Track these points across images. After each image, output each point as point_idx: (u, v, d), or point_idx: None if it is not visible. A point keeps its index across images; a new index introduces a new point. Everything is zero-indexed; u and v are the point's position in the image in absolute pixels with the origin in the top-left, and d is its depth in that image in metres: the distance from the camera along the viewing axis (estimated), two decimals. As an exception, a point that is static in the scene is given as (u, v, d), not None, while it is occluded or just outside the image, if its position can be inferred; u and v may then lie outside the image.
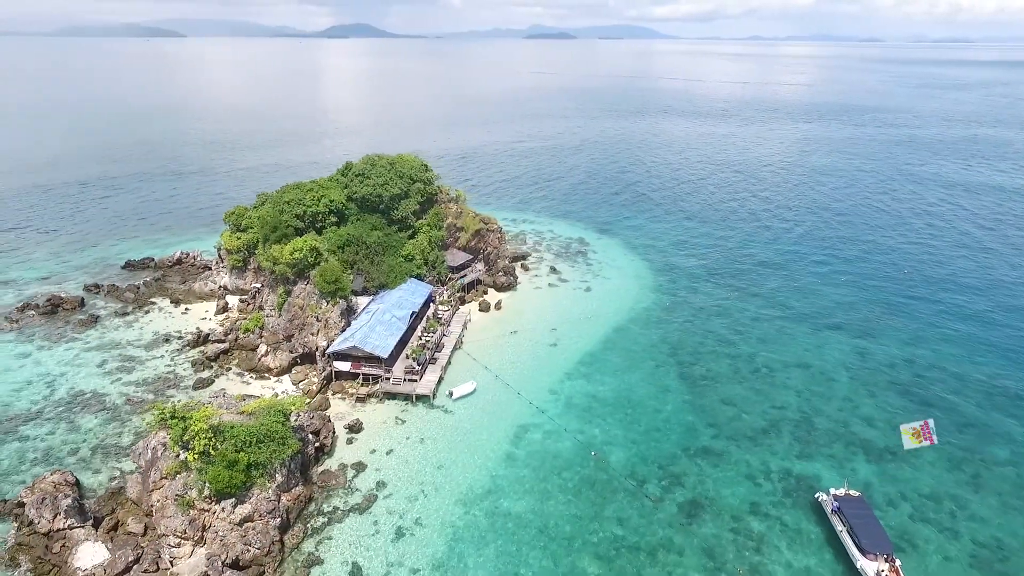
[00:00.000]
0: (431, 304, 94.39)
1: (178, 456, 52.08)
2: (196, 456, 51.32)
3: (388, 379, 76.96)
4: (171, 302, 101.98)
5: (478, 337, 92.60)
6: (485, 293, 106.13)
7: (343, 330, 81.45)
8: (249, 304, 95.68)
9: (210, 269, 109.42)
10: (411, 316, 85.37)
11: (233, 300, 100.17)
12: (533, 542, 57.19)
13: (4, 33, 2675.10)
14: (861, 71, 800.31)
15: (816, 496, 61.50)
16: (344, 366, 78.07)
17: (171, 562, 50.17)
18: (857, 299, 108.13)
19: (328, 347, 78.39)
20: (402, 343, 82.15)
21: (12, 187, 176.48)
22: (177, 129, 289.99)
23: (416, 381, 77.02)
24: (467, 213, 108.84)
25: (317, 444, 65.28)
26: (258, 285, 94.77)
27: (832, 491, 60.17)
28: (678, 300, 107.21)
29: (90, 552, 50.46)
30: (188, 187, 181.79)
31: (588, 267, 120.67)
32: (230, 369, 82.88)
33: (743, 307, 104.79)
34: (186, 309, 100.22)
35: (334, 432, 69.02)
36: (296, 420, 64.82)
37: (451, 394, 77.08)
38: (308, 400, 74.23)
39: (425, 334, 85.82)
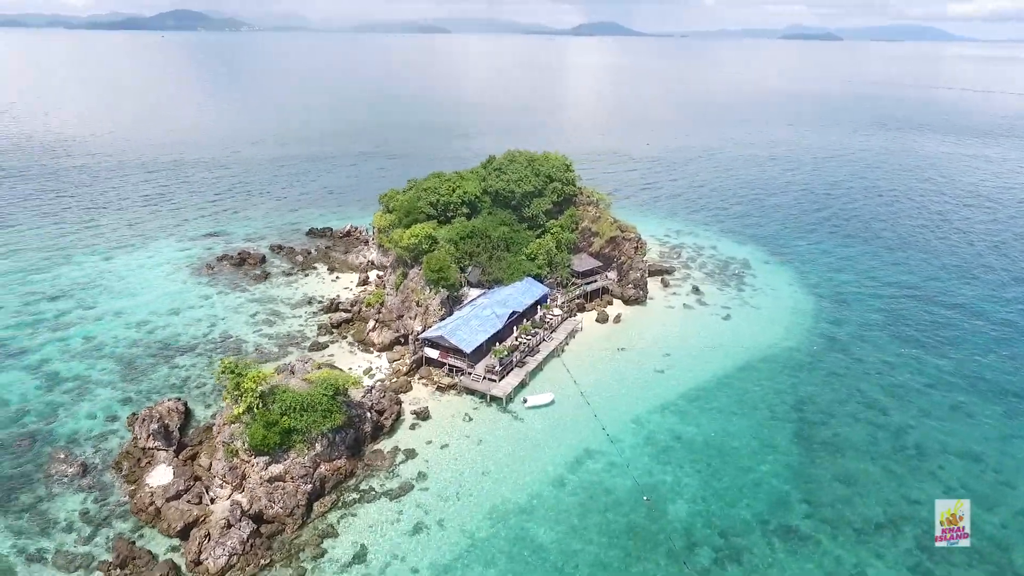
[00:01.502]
0: (543, 304, 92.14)
1: (235, 407, 57.93)
2: (242, 411, 56.60)
3: (469, 374, 77.03)
4: (328, 269, 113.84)
5: (582, 348, 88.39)
6: (609, 303, 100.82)
7: (442, 318, 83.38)
8: (382, 280, 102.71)
9: (367, 244, 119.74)
10: (511, 315, 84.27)
11: (375, 275, 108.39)
12: (543, 578, 53.10)
13: (311, 29, 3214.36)
14: None
15: (908, 627, 47.91)
16: (433, 354, 79.97)
17: (212, 500, 56.12)
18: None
19: (421, 332, 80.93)
20: (496, 340, 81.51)
21: (267, 157, 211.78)
22: (411, 115, 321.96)
23: (495, 381, 75.95)
24: (605, 218, 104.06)
25: (377, 423, 67.79)
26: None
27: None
28: (835, 346, 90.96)
29: (160, 473, 58.57)
30: (391, 167, 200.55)
31: (738, 292, 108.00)
32: (345, 337, 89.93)
33: (918, 368, 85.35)
34: (336, 277, 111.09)
35: (399, 415, 71.13)
36: (362, 396, 68.09)
37: (525, 401, 74.75)
38: (380, 380, 77.54)
39: (522, 335, 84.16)
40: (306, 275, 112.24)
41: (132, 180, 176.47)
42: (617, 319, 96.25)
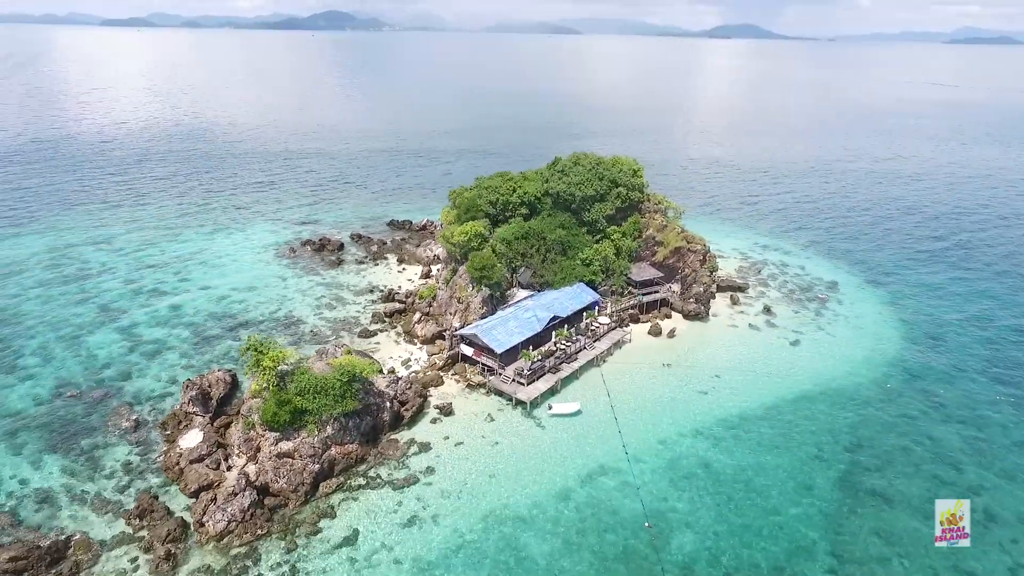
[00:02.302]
0: (589, 311, 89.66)
1: (254, 383, 61.57)
2: (260, 388, 59.98)
3: (499, 375, 76.71)
4: (397, 260, 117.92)
5: (626, 360, 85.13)
6: (668, 317, 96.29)
7: (483, 316, 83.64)
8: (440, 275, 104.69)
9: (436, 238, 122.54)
10: (551, 320, 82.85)
11: (436, 269, 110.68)
12: (522, 590, 51.83)
13: (446, 30, 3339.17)
14: None
15: None
16: (468, 351, 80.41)
17: (228, 467, 60.03)
18: None
19: (459, 329, 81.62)
20: (533, 344, 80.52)
21: (374, 150, 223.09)
22: (522, 115, 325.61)
23: (522, 385, 75.06)
24: (672, 228, 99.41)
25: (398, 413, 69.24)
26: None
27: None
28: (914, 386, 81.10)
29: (192, 437, 63.51)
30: (487, 165, 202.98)
31: (816, 317, 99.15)
32: (395, 328, 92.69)
33: (1015, 422, 74.05)
34: (403, 268, 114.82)
35: (422, 408, 72.17)
36: (386, 386, 69.88)
37: (550, 408, 73.30)
38: (414, 372, 78.98)
39: (560, 342, 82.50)
40: (376, 264, 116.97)
41: (250, 167, 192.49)
42: (671, 334, 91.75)
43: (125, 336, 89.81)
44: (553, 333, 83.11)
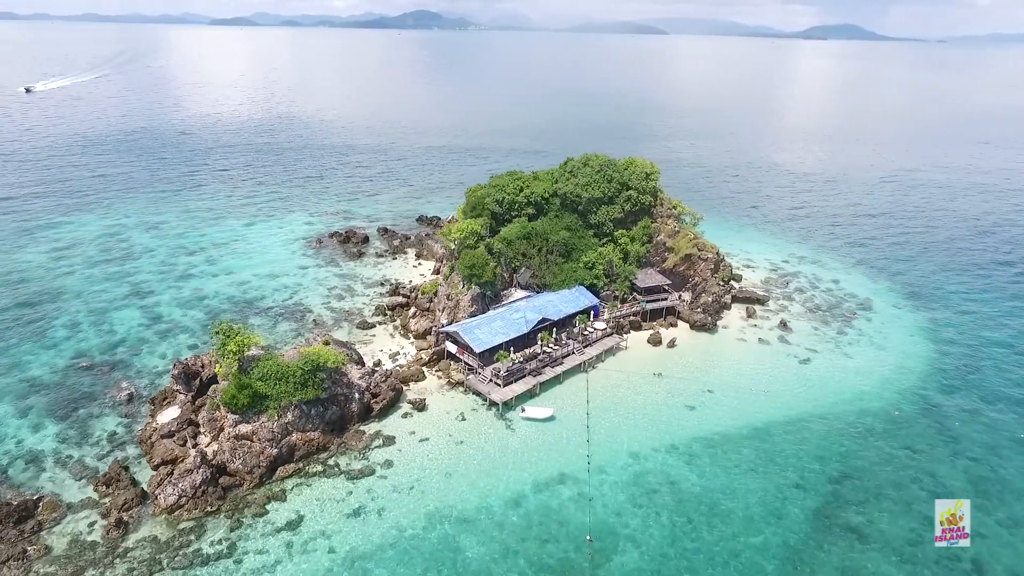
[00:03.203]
0: (583, 316, 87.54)
1: (217, 366, 63.96)
2: (225, 371, 62.22)
3: (477, 374, 76.27)
4: (416, 255, 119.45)
5: (617, 367, 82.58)
6: (672, 326, 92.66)
7: (473, 315, 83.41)
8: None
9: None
10: (539, 322, 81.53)
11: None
12: (447, 592, 51.34)
13: (532, 29, 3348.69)
14: None
15: None
16: (452, 348, 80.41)
17: (194, 444, 62.71)
18: None
19: (445, 326, 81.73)
20: (521, 345, 79.61)
21: (426, 146, 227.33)
22: (588, 115, 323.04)
23: (498, 385, 74.29)
24: (684, 234, 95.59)
25: (368, 405, 70.13)
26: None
27: None
28: (929, 415, 74.31)
29: (169, 413, 66.77)
30: (532, 164, 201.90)
31: (838, 335, 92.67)
32: (394, 321, 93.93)
33: (1038, 465, 66.50)
34: (419, 263, 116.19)
35: (395, 402, 72.76)
36: (360, 377, 70.92)
37: (523, 410, 72.19)
38: (399, 366, 79.68)
39: (546, 345, 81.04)
40: (395, 258, 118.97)
41: (305, 160, 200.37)
42: (672, 343, 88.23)
43: (146, 315, 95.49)
44: (539, 336, 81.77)
